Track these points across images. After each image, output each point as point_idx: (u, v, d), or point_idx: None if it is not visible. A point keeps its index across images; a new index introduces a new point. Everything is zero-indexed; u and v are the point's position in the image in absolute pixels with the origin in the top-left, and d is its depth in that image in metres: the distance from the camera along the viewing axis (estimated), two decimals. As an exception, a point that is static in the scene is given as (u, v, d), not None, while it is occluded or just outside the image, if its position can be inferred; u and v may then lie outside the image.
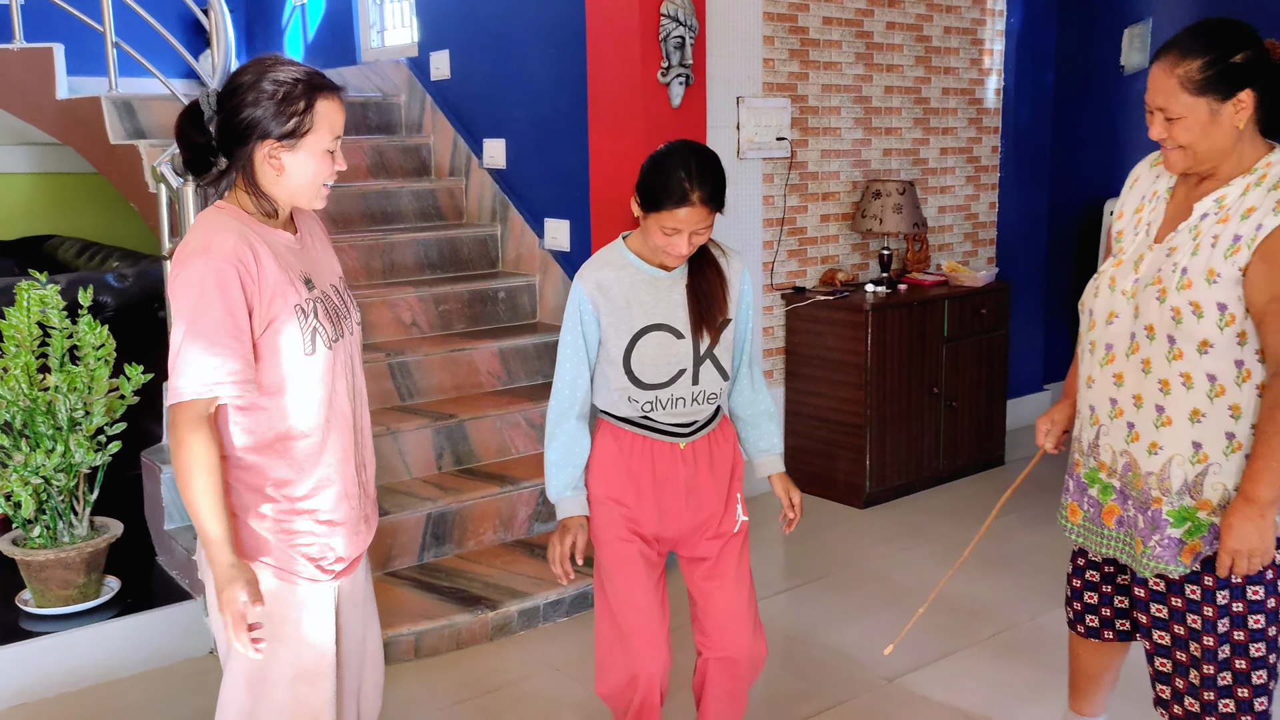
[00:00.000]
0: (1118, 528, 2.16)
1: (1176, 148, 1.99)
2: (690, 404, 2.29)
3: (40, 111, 5.11)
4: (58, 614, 3.18)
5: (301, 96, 1.80)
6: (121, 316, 4.13)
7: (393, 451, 3.77)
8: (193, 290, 1.74)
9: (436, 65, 5.15)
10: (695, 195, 2.11)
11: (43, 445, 3.08)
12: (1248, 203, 1.95)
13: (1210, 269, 1.95)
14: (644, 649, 2.31)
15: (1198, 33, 1.96)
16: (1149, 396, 2.04)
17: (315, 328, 1.86)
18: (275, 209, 1.88)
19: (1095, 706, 2.53)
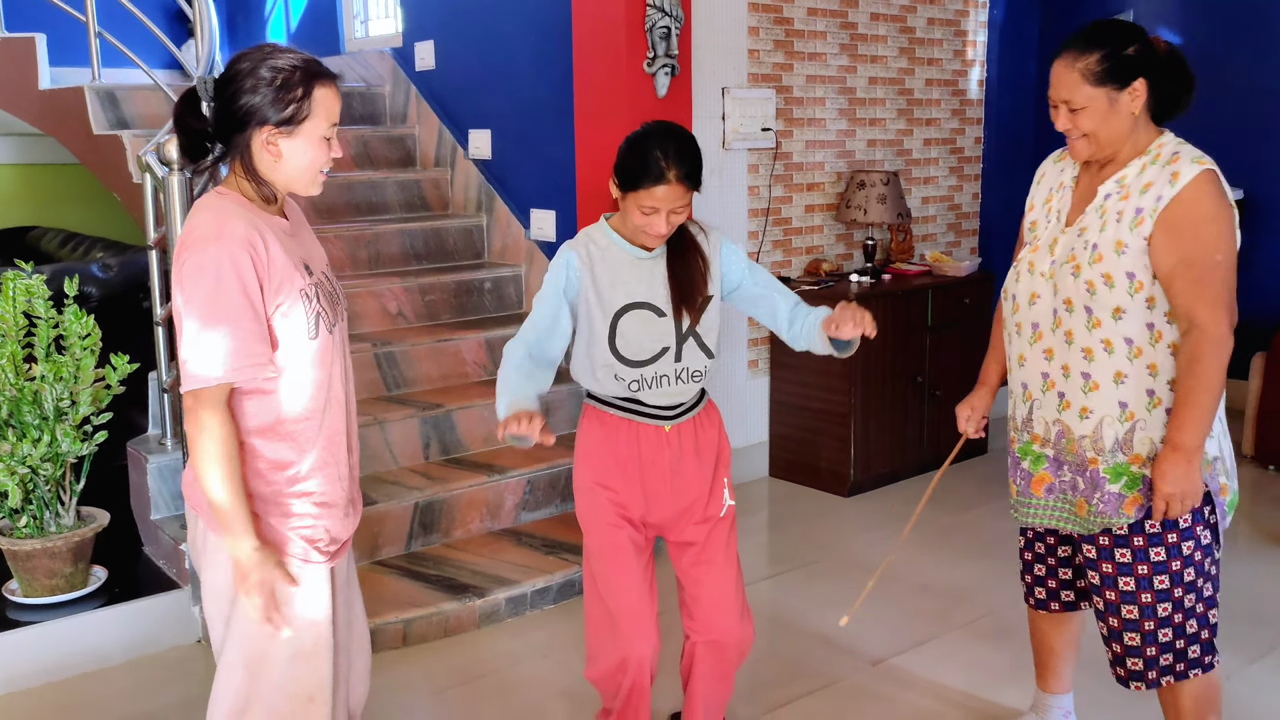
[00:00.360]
0: (1046, 495, 2.30)
1: (1081, 137, 2.17)
2: (675, 382, 2.31)
3: (22, 102, 5.09)
4: (45, 603, 3.19)
5: (300, 83, 1.81)
6: (106, 307, 4.13)
7: (380, 441, 3.78)
8: (208, 276, 1.75)
9: (421, 55, 5.15)
10: (672, 174, 2.14)
11: (29, 435, 3.08)
12: (1145, 179, 2.15)
13: (1118, 241, 2.14)
14: (633, 632, 2.34)
15: (1093, 31, 2.16)
16: (1075, 365, 2.20)
17: (319, 312, 1.88)
18: (274, 194, 1.89)
19: (1061, 682, 2.62)
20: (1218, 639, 2.27)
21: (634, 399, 2.31)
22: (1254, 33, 5.40)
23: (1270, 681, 2.99)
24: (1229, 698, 2.90)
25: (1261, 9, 5.36)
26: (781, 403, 4.69)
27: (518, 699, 2.97)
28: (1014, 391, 2.37)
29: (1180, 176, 2.12)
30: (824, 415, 4.52)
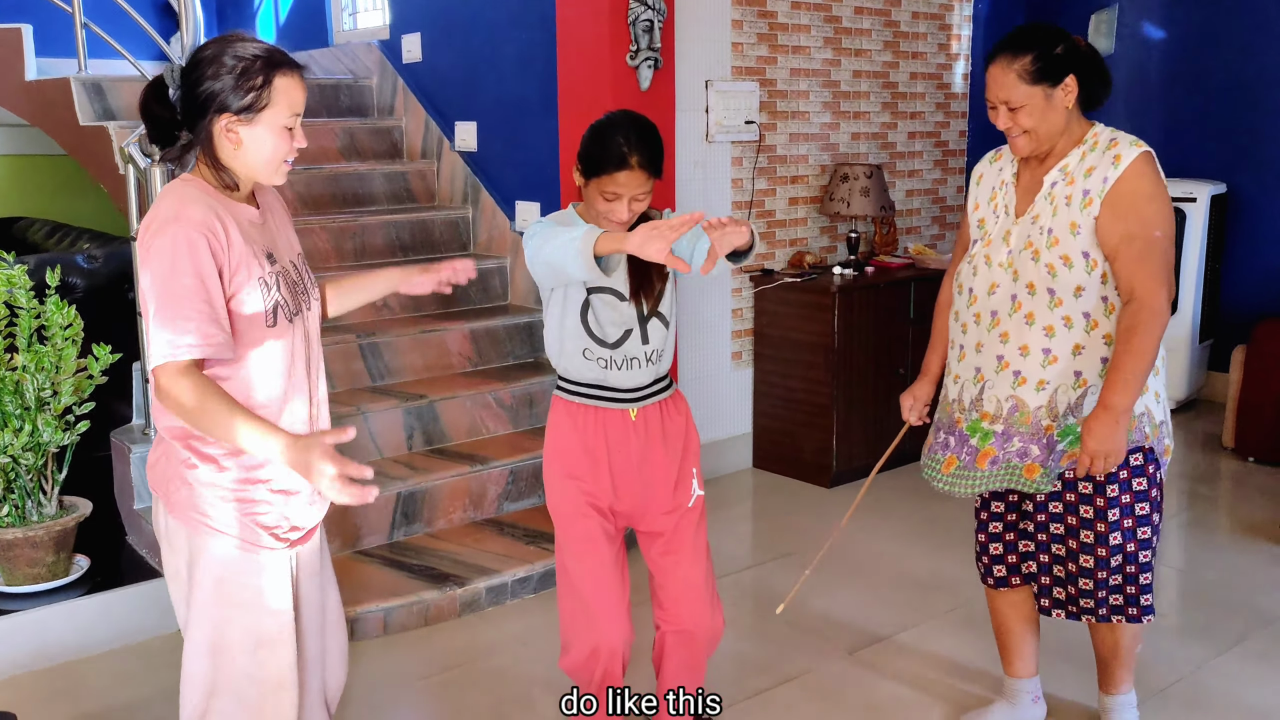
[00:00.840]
0: (990, 467, 2.42)
1: (1022, 134, 2.32)
2: (645, 364, 2.35)
3: (9, 93, 5.09)
4: (27, 592, 3.20)
5: (260, 72, 1.83)
6: (91, 298, 4.14)
7: (363, 431, 3.80)
8: (165, 257, 1.77)
9: (408, 48, 5.16)
10: (634, 159, 2.17)
11: (10, 424, 3.09)
12: (1087, 164, 2.31)
13: (1072, 223, 2.30)
14: (605, 621, 2.36)
15: (1021, 35, 2.31)
16: (1035, 343, 2.34)
17: (278, 300, 1.89)
18: (235, 182, 1.90)
19: (1026, 665, 2.71)
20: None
21: (601, 384, 2.34)
22: (1236, 28, 5.42)
23: (1240, 670, 3.03)
24: (1200, 687, 2.94)
25: (1243, 4, 5.39)
26: (765, 394, 4.72)
27: (497, 687, 3.00)
28: (962, 377, 2.48)
29: (1122, 159, 2.28)
30: (807, 407, 4.55)
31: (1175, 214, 5.27)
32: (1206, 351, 5.57)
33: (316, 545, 2.10)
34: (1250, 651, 3.12)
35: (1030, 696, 2.72)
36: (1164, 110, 5.71)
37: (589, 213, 2.31)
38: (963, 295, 2.49)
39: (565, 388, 2.39)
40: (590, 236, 2.04)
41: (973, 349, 2.45)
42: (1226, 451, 4.90)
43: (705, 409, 4.58)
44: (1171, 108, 5.68)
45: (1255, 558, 3.79)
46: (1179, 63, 5.63)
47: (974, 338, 2.44)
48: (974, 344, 2.44)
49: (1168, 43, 5.67)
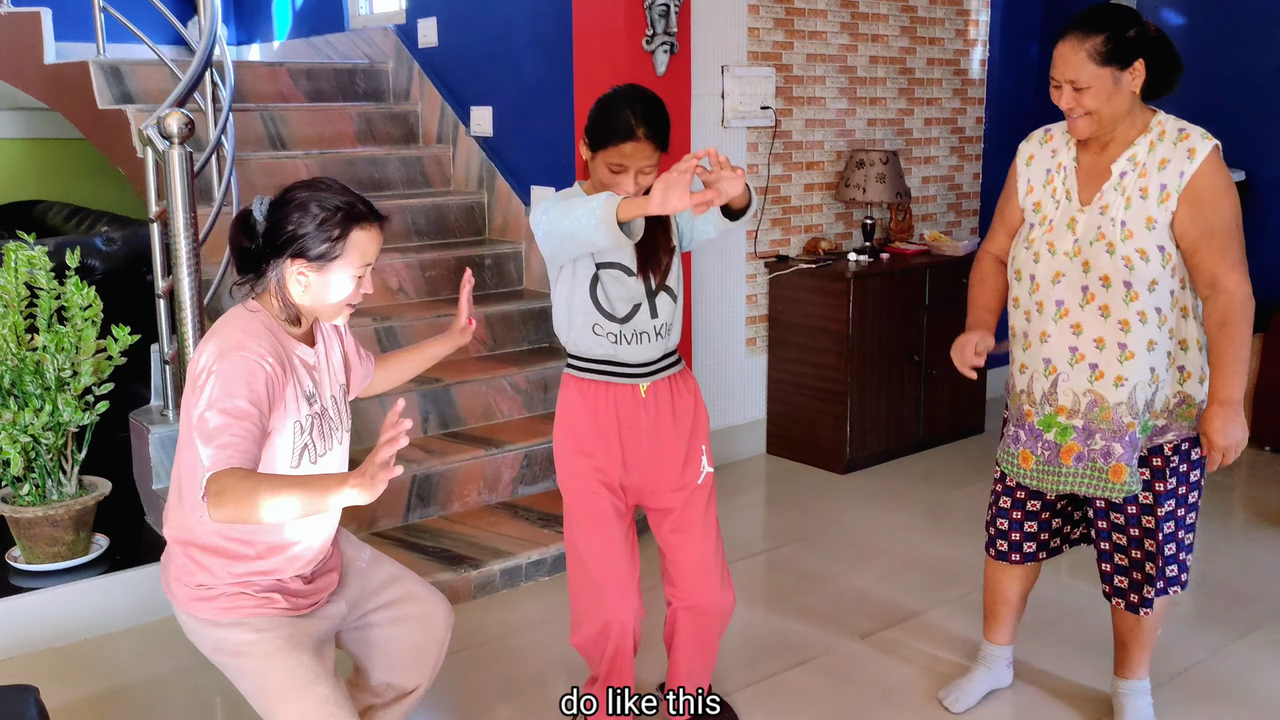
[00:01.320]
0: (1076, 463, 2.40)
1: (1084, 115, 2.28)
2: (655, 338, 2.36)
3: (28, 76, 5.12)
4: (46, 570, 3.24)
5: (339, 224, 1.88)
6: (109, 279, 4.16)
7: (378, 414, 3.82)
8: (224, 379, 1.80)
9: (424, 32, 5.16)
10: (640, 130, 2.19)
11: (31, 404, 3.12)
12: (1159, 155, 2.29)
13: (1149, 217, 2.28)
14: (615, 597, 2.38)
15: (1095, 14, 2.28)
16: (1110, 337, 2.32)
17: (306, 444, 1.95)
18: (298, 317, 1.97)
19: (1007, 633, 2.80)
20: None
21: (611, 359, 2.36)
22: (1255, 16, 5.38)
23: (1255, 657, 3.03)
24: (1216, 674, 2.95)
25: (1266, -10, 5.34)
26: (779, 380, 4.72)
27: (511, 667, 3.02)
28: (1031, 367, 2.45)
29: (1197, 153, 2.27)
30: (821, 393, 4.55)
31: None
32: (1223, 340, 5.54)
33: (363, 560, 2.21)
34: (1265, 639, 3.12)
35: (1005, 663, 2.83)
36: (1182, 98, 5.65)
37: (594, 189, 2.32)
38: (1022, 282, 2.45)
39: (576, 364, 2.41)
40: (611, 203, 2.05)
41: (1038, 338, 2.42)
42: (1243, 440, 4.87)
43: (719, 394, 4.59)
44: (1190, 95, 5.61)
45: (1271, 546, 3.78)
46: (1198, 50, 5.58)
47: (1039, 326, 2.41)
48: (1039, 333, 2.41)
49: (1187, 30, 5.63)
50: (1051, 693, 2.84)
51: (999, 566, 2.71)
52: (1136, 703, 2.63)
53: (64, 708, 2.76)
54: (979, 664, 2.83)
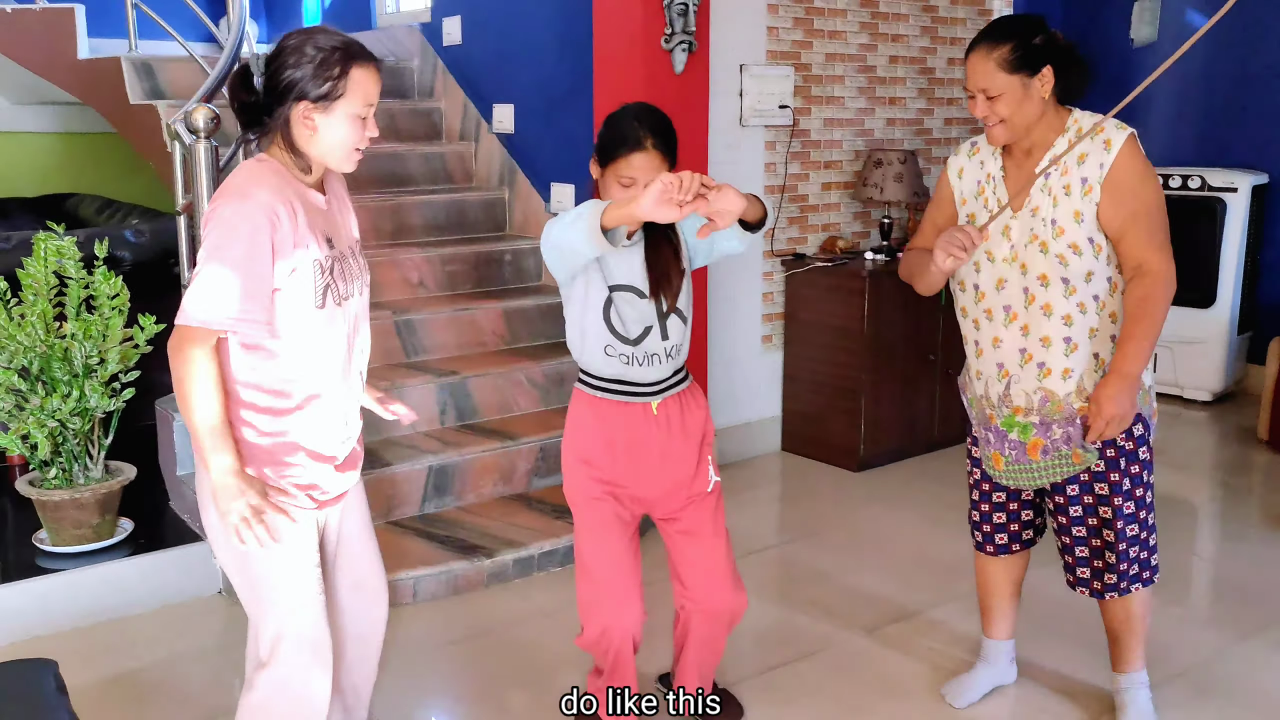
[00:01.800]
0: (1044, 457, 2.47)
1: (999, 123, 2.35)
2: (665, 360, 2.38)
3: (61, 71, 5.22)
4: (72, 552, 3.33)
5: (338, 63, 1.92)
6: (137, 271, 4.26)
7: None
8: (222, 228, 1.87)
9: (448, 31, 5.23)
10: (648, 141, 2.22)
11: (59, 390, 3.21)
12: (1077, 151, 2.35)
13: (1075, 211, 2.36)
14: (615, 605, 2.43)
15: (1003, 24, 2.37)
16: (1055, 334, 2.40)
17: (329, 284, 1.99)
18: (309, 166, 2.00)
19: (1008, 627, 2.82)
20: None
21: (622, 379, 2.38)
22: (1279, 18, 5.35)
23: (1261, 658, 3.03)
24: (1220, 673, 2.95)
25: (1292, -9, 5.31)
26: (794, 377, 4.75)
27: (521, 655, 3.07)
28: (985, 373, 2.53)
29: (1113, 143, 2.34)
30: (836, 391, 4.58)
31: (1216, 204, 5.24)
32: (1245, 344, 5.52)
33: (356, 516, 2.23)
34: (1273, 640, 3.12)
35: (1008, 658, 2.85)
36: (1206, 99, 5.65)
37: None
38: (967, 292, 2.53)
39: (587, 381, 2.43)
40: (597, 210, 2.05)
41: (989, 344, 2.49)
42: (1262, 444, 4.85)
43: (735, 391, 4.63)
44: (1214, 96, 5.62)
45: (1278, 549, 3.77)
46: (1222, 51, 5.56)
47: (989, 333, 2.49)
48: (990, 339, 2.49)
49: (1211, 32, 5.59)
50: (1054, 690, 2.86)
51: (983, 559, 2.77)
52: (1136, 696, 2.65)
53: (86, 686, 2.84)
54: (981, 660, 2.86)
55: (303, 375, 1.99)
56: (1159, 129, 5.82)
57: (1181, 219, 5.28)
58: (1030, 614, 3.16)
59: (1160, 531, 3.85)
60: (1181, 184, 5.34)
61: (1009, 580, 2.77)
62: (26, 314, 3.20)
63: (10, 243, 4.11)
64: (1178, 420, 5.28)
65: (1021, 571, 2.78)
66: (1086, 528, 2.53)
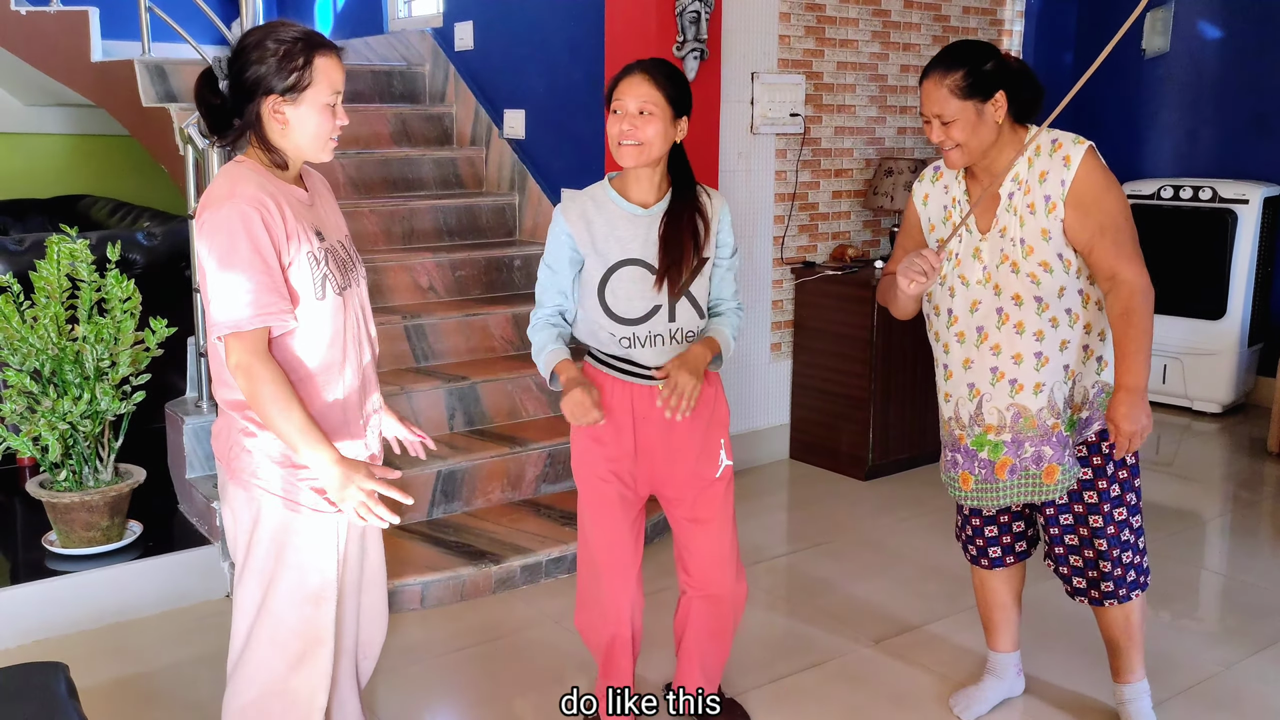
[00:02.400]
0: (1009, 476, 2.48)
1: (955, 147, 2.38)
2: (670, 342, 2.36)
3: (75, 73, 5.25)
4: (81, 554, 3.33)
5: (301, 54, 1.93)
6: (149, 274, 4.27)
7: (405, 411, 3.89)
8: (221, 232, 1.88)
9: (460, 36, 5.24)
10: (637, 67, 2.25)
11: (70, 393, 3.22)
12: (1038, 169, 2.38)
13: (1043, 229, 2.37)
14: (613, 584, 2.44)
15: (953, 52, 2.38)
16: (1028, 349, 2.41)
17: (326, 274, 1.99)
18: (285, 162, 2.01)
19: (1012, 640, 2.83)
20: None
21: (628, 358, 2.37)
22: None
23: (1271, 673, 3.02)
24: (1229, 687, 2.94)
25: (1305, 3, 5.30)
26: (803, 386, 4.75)
27: (529, 661, 3.07)
28: (955, 395, 2.52)
29: (1072, 159, 2.36)
30: (845, 399, 4.57)
31: (1228, 215, 5.23)
32: (1255, 356, 5.50)
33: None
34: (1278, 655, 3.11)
35: (1015, 670, 2.85)
36: (1218, 111, 5.63)
37: (627, 180, 2.34)
38: (940, 317, 2.54)
39: (596, 355, 2.43)
40: (551, 360, 2.32)
41: (960, 366, 2.49)
42: (1272, 456, 4.84)
43: (744, 399, 4.62)
44: (1225, 107, 5.61)
45: (1293, 563, 3.76)
46: (1234, 63, 5.56)
47: (960, 355, 2.49)
48: (961, 361, 2.49)
49: (1223, 43, 5.59)
50: (1061, 702, 2.85)
51: (980, 573, 2.77)
52: (1141, 706, 2.65)
53: (93, 688, 2.85)
54: (989, 672, 2.85)
55: (312, 369, 2.00)
56: (1172, 140, 5.81)
57: (1193, 230, 5.31)
58: (1036, 626, 3.17)
59: (1169, 544, 3.88)
60: (1193, 195, 5.33)
61: (1008, 592, 2.77)
62: (39, 316, 3.22)
63: (23, 245, 4.13)
64: (1187, 432, 5.27)
65: (1020, 583, 2.78)
66: (1079, 537, 2.54)
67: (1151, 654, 2.96)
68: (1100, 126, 5.72)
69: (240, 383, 1.90)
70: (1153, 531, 3.79)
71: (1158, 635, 3.17)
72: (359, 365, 2.10)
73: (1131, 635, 2.62)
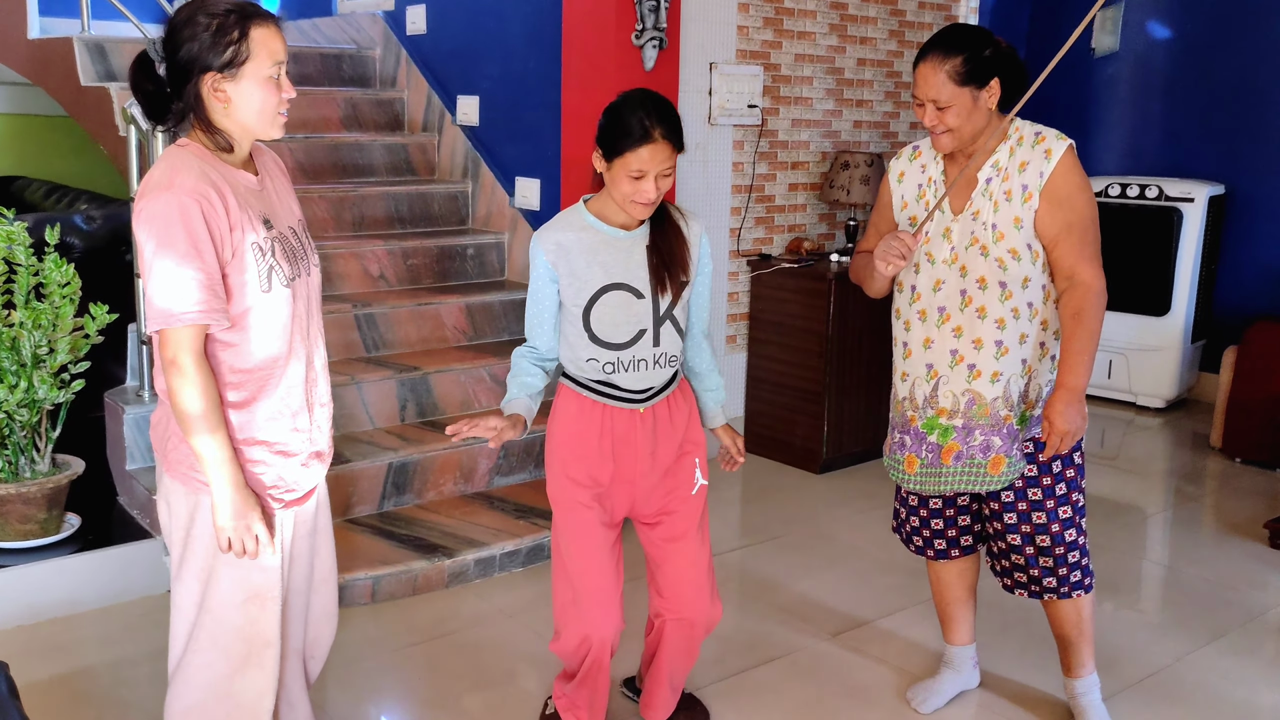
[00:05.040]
0: (954, 463, 2.48)
1: (946, 131, 2.37)
2: (652, 366, 2.31)
3: (11, 51, 5.07)
4: (17, 548, 3.22)
5: (235, 26, 1.84)
6: (88, 258, 4.14)
7: (356, 401, 3.81)
8: (158, 223, 1.79)
9: (413, 20, 5.15)
10: (657, 132, 2.15)
11: (5, 380, 3.10)
12: (1019, 159, 2.39)
13: (1015, 217, 2.39)
14: (596, 613, 2.36)
15: (953, 36, 2.37)
16: (988, 336, 2.42)
17: (272, 265, 1.91)
18: (230, 144, 1.91)
19: (967, 632, 2.84)
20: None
21: (608, 382, 2.32)
22: (1241, 29, 5.44)
23: (1222, 664, 3.06)
24: (1178, 680, 2.98)
25: (1250, 6, 5.40)
26: (758, 379, 4.74)
27: (482, 656, 3.02)
28: (913, 374, 2.52)
29: (1053, 153, 2.37)
30: (799, 393, 4.57)
31: (1173, 214, 5.31)
32: (1198, 352, 5.60)
33: (312, 506, 2.11)
34: (1229, 647, 3.16)
35: (971, 663, 2.87)
36: (1166, 109, 5.73)
37: (606, 205, 2.28)
38: (903, 293, 2.54)
39: (573, 377, 2.37)
40: (509, 403, 2.35)
41: (920, 345, 2.49)
42: (1215, 451, 4.93)
43: (698, 391, 4.60)
44: (1173, 107, 5.70)
45: (1239, 555, 3.82)
46: (1183, 62, 5.65)
47: (921, 334, 2.49)
48: (921, 340, 2.49)
49: (1172, 42, 5.68)
50: (1017, 695, 2.87)
51: (935, 566, 2.78)
52: (1093, 700, 2.68)
53: (33, 686, 2.74)
54: (945, 665, 2.86)
55: (258, 364, 1.92)
56: (1120, 139, 5.89)
57: (1138, 228, 5.38)
58: (991, 620, 3.19)
59: (1115, 538, 3.94)
60: (1139, 193, 5.40)
61: (962, 585, 2.79)
62: (-28, 301, 3.09)
63: (-45, 226, 3.97)
64: (1131, 427, 5.35)
65: (974, 577, 2.79)
66: (1020, 534, 2.55)
67: (1102, 647, 2.99)
68: (1049, 123, 5.77)
69: (167, 377, 1.83)
70: (1097, 525, 3.84)
71: (1107, 628, 3.21)
72: (306, 358, 2.03)
73: (1082, 630, 2.64)
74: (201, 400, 1.82)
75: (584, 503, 2.36)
